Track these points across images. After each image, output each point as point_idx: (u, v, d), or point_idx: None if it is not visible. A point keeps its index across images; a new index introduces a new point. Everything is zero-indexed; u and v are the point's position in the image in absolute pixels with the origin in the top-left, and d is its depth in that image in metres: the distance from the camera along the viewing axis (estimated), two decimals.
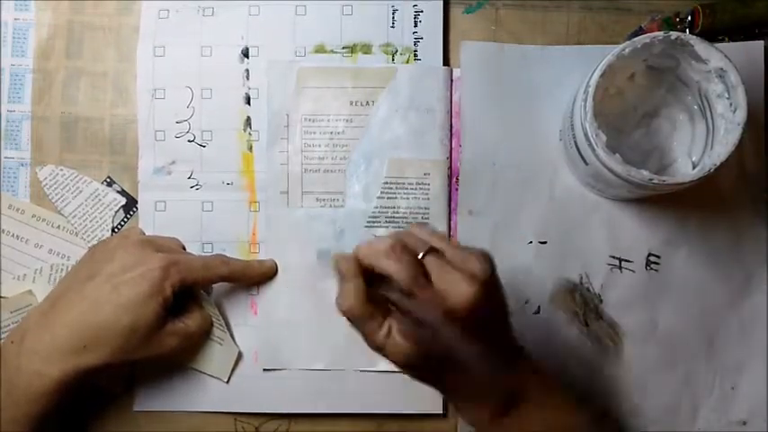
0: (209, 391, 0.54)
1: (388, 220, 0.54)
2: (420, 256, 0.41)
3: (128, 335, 0.47)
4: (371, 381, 0.54)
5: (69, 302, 0.48)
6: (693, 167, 0.50)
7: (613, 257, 0.54)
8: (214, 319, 0.53)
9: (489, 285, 0.41)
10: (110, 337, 0.47)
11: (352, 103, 0.54)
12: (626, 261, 0.54)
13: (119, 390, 0.54)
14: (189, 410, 0.54)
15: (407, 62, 0.55)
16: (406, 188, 0.54)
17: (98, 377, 0.51)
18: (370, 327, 0.42)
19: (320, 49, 0.55)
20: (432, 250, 0.42)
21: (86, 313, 0.47)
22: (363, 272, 0.42)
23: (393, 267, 0.40)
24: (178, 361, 0.53)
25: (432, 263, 0.41)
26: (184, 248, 0.54)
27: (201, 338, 0.53)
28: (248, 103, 0.55)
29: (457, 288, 0.40)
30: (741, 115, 0.45)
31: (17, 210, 0.55)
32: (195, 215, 0.55)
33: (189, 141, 0.55)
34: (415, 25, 0.55)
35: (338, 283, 0.43)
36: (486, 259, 0.42)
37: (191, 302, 0.52)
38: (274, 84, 0.55)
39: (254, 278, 0.54)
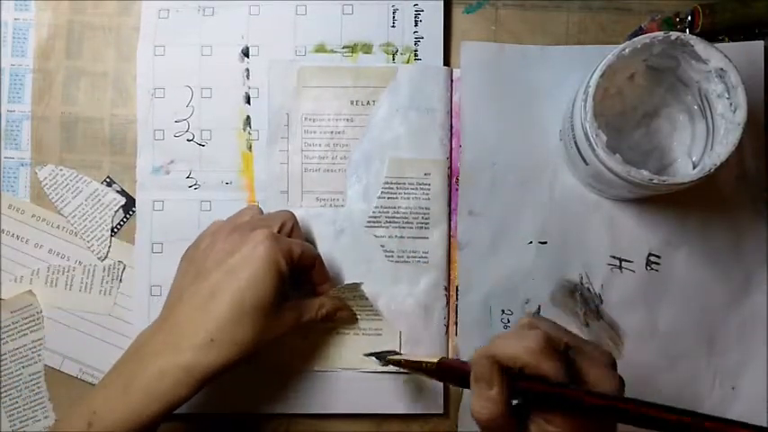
0: (207, 392, 0.54)
1: (388, 219, 0.54)
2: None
3: (254, 318, 0.44)
4: (371, 381, 0.53)
5: (185, 303, 0.45)
6: (693, 167, 0.50)
7: (613, 257, 0.54)
8: (362, 312, 0.53)
9: None
10: (237, 325, 0.44)
11: (352, 103, 0.54)
12: (626, 261, 0.54)
13: None
14: (187, 411, 0.54)
15: (408, 62, 0.55)
16: (407, 188, 0.54)
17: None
18: None
19: (321, 49, 0.55)
20: (567, 345, 0.40)
21: (206, 306, 0.44)
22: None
23: (551, 369, 0.38)
24: None
25: (577, 357, 0.39)
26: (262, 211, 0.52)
27: (321, 318, 0.50)
28: (248, 102, 0.55)
29: (609, 380, 0.38)
30: (741, 115, 0.45)
31: (17, 210, 0.55)
32: (194, 215, 0.55)
33: (188, 141, 0.55)
34: (416, 25, 0.55)
35: (475, 388, 0.39)
36: (606, 349, 0.42)
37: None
38: (275, 83, 0.55)
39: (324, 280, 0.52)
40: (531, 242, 0.54)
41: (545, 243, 0.54)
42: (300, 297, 0.50)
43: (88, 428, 0.43)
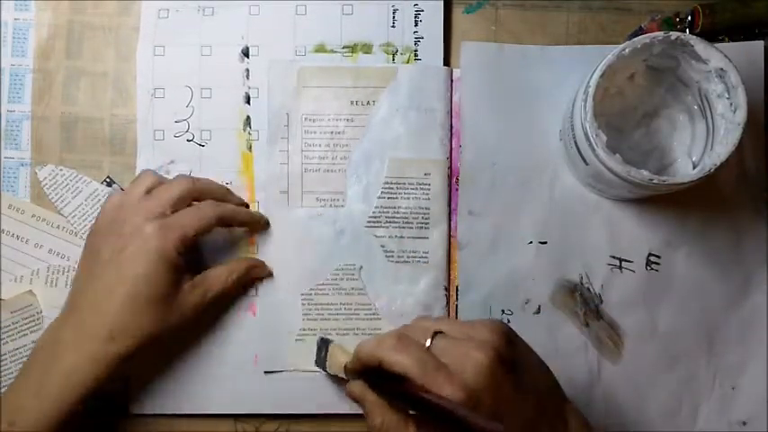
0: (208, 393, 0.54)
1: (388, 219, 0.54)
2: (427, 344, 0.41)
3: (149, 311, 0.47)
4: None
5: (85, 298, 0.47)
6: (693, 167, 0.50)
7: (613, 257, 0.54)
8: (361, 312, 0.54)
9: (506, 349, 0.40)
10: (133, 319, 0.47)
11: (352, 103, 0.54)
12: (626, 261, 0.54)
13: (115, 387, 0.54)
14: (188, 412, 0.54)
15: (408, 62, 0.55)
16: (407, 188, 0.54)
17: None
18: None
19: (320, 49, 0.55)
20: (437, 334, 0.41)
21: (103, 303, 0.47)
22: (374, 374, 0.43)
23: (401, 360, 0.40)
24: None
25: (439, 345, 0.40)
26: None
27: (233, 284, 0.52)
28: (248, 102, 0.55)
29: (469, 360, 0.39)
30: (741, 115, 0.45)
31: (17, 210, 0.55)
32: None
33: (188, 141, 0.55)
34: (416, 25, 0.55)
35: (363, 410, 0.44)
36: (496, 325, 0.41)
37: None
38: (275, 83, 0.55)
39: (246, 223, 0.53)
40: (531, 242, 0.54)
41: (545, 243, 0.54)
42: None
43: (9, 428, 0.45)
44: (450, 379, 0.38)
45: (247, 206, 0.54)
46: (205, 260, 0.54)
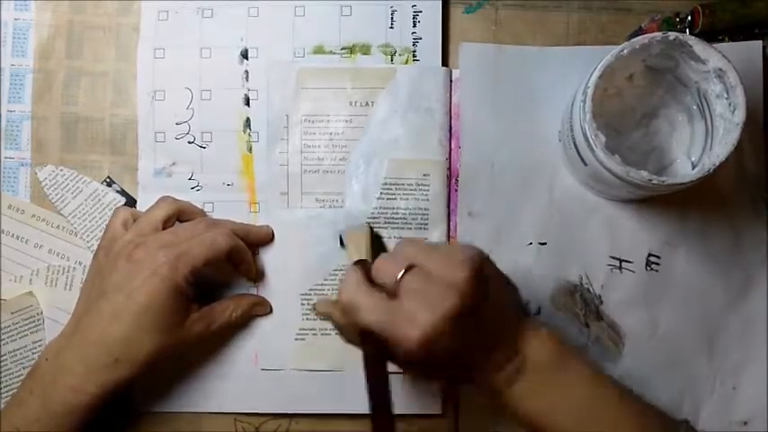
0: (208, 392, 0.54)
1: (387, 220, 0.54)
2: (399, 276, 0.41)
3: (154, 338, 0.47)
4: None
5: (90, 321, 0.48)
6: (693, 168, 0.50)
7: (613, 258, 0.54)
8: None
9: (474, 291, 0.40)
10: (137, 345, 0.47)
11: (351, 104, 0.54)
12: (626, 261, 0.54)
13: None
14: (188, 411, 0.54)
15: (406, 63, 0.55)
16: (406, 189, 0.54)
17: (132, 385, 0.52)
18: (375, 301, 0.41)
19: (319, 50, 0.55)
20: (410, 268, 0.41)
21: (108, 328, 0.47)
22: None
23: (364, 317, 0.41)
24: None
25: (407, 284, 0.41)
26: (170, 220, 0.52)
27: (236, 320, 0.53)
28: (248, 104, 0.55)
29: (434, 306, 0.39)
30: (740, 115, 0.45)
31: (17, 210, 0.55)
32: None
33: (189, 143, 0.55)
34: (414, 26, 0.55)
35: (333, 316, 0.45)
36: (471, 259, 0.41)
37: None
38: (274, 85, 0.55)
39: (257, 243, 0.54)
40: (530, 243, 0.54)
41: (545, 244, 0.54)
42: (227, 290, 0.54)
43: None
44: (408, 323, 0.39)
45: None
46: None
